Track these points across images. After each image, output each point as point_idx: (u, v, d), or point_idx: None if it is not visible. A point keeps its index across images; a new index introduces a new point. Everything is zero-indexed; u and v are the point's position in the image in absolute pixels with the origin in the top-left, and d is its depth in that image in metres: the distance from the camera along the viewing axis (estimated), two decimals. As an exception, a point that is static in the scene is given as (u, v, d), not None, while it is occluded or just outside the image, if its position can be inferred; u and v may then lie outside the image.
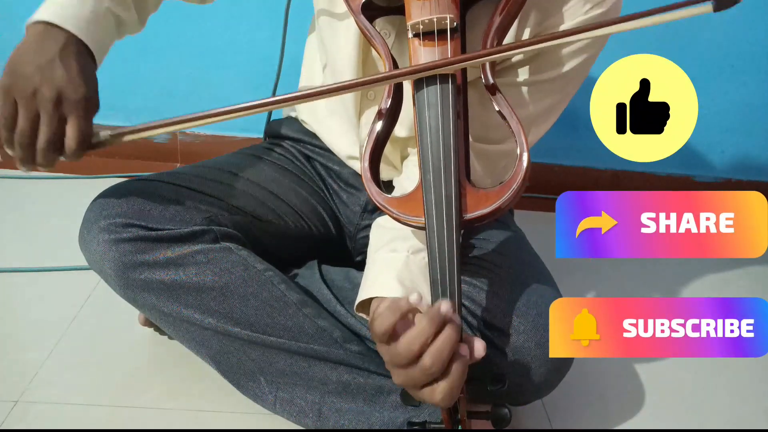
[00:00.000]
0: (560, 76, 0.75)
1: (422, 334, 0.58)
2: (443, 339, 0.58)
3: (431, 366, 0.58)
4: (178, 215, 0.77)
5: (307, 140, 0.96)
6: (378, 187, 0.66)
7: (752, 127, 1.51)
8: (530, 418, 0.88)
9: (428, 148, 0.64)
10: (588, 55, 0.75)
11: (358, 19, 0.71)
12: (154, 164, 1.45)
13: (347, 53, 0.80)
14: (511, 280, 0.78)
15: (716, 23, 1.40)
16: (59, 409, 0.81)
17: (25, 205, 1.28)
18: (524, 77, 0.76)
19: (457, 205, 0.62)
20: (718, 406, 0.95)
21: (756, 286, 1.28)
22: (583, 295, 1.16)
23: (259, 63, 1.38)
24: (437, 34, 0.66)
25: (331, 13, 0.81)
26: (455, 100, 0.64)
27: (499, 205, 0.63)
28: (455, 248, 0.62)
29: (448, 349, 0.58)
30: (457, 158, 0.63)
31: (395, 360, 0.60)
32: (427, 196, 0.63)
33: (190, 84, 1.41)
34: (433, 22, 0.65)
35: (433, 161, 0.63)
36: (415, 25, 0.66)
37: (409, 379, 0.60)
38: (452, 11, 0.66)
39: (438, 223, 0.62)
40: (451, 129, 0.64)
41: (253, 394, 0.80)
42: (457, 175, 0.63)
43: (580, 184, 1.53)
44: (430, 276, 0.63)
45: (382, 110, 0.68)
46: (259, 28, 1.36)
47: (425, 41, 0.66)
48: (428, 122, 0.64)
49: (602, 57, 0.75)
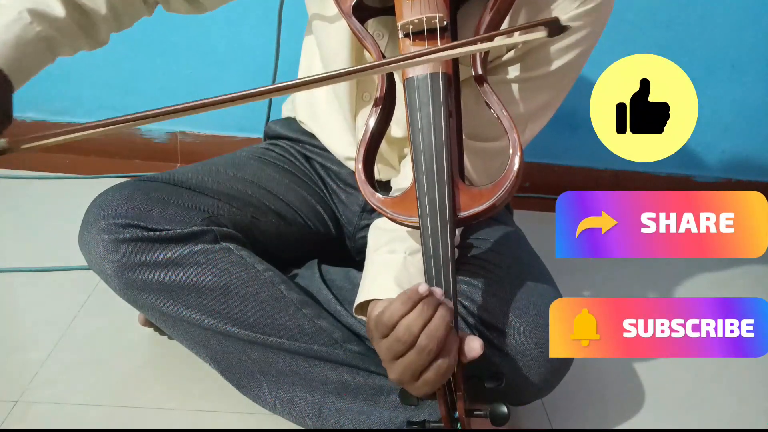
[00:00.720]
0: (552, 72, 0.75)
1: (421, 316, 0.59)
2: (438, 318, 0.59)
3: (427, 344, 0.59)
4: (177, 215, 0.77)
5: (305, 140, 0.96)
6: (372, 187, 0.67)
7: (752, 127, 1.51)
8: (530, 418, 0.88)
9: (420, 148, 0.64)
10: (580, 50, 0.75)
11: (350, 21, 0.71)
12: (154, 164, 1.45)
13: (340, 55, 0.80)
14: (511, 279, 0.78)
15: (716, 23, 1.40)
16: (59, 409, 0.81)
17: (25, 205, 1.28)
18: (515, 74, 0.76)
19: (450, 203, 0.62)
20: (718, 406, 0.95)
21: (756, 286, 1.28)
22: (583, 295, 1.16)
23: (258, 64, 1.38)
24: (427, 33, 0.66)
25: (322, 16, 0.81)
26: (446, 99, 0.64)
27: (494, 203, 0.62)
28: (450, 247, 0.62)
29: (443, 328, 0.59)
30: (449, 157, 0.63)
31: (394, 347, 0.60)
32: (421, 195, 0.63)
33: (190, 84, 1.41)
34: (423, 21, 0.65)
35: (426, 161, 0.64)
36: (405, 24, 0.66)
37: (407, 366, 0.60)
38: (442, 10, 0.66)
39: (432, 222, 0.63)
40: (442, 128, 0.64)
41: (253, 394, 0.80)
42: (450, 174, 0.63)
43: (580, 184, 1.53)
44: (425, 274, 0.63)
45: (374, 110, 0.68)
46: (257, 30, 1.37)
47: (416, 41, 0.67)
48: (420, 122, 0.64)
49: (602, 57, 0.75)
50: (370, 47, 0.69)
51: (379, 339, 0.62)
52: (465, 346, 0.62)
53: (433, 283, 0.63)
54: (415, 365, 0.60)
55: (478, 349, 0.62)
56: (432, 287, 0.61)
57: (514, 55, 0.75)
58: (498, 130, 0.71)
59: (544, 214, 1.48)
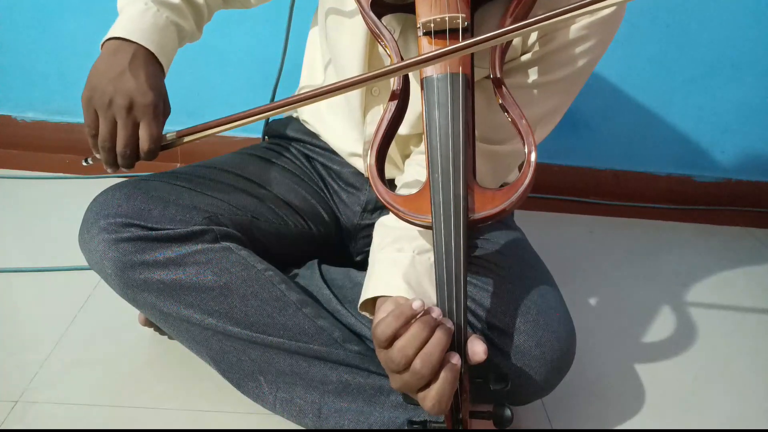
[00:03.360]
0: (565, 77, 0.76)
1: (416, 338, 0.58)
2: (433, 343, 0.58)
3: (421, 369, 0.58)
4: (178, 215, 0.77)
5: (307, 140, 0.96)
6: (384, 184, 0.66)
7: (752, 127, 1.51)
8: (530, 418, 0.88)
9: (437, 148, 0.64)
10: (593, 55, 0.75)
11: (368, 16, 0.71)
12: (154, 164, 1.44)
13: (354, 49, 0.80)
14: (512, 280, 0.78)
15: (716, 23, 1.40)
16: (59, 409, 0.81)
17: (25, 205, 1.28)
18: (533, 78, 0.76)
19: (464, 205, 0.62)
20: (718, 406, 0.95)
21: (756, 287, 1.28)
22: (583, 295, 1.16)
23: (259, 62, 1.38)
24: (449, 33, 0.66)
25: (338, 10, 0.81)
26: (465, 100, 0.64)
27: (506, 207, 0.62)
28: (462, 248, 0.62)
29: (438, 352, 0.58)
30: (465, 158, 0.63)
31: (390, 366, 0.60)
32: (435, 195, 0.63)
33: (189, 84, 1.41)
34: (445, 20, 0.65)
35: (442, 161, 0.63)
36: (426, 23, 0.66)
37: (405, 384, 0.60)
38: (464, 11, 0.66)
39: (445, 222, 0.62)
40: (460, 129, 0.63)
41: (253, 394, 0.80)
42: (465, 176, 0.63)
43: (580, 184, 1.54)
44: (436, 276, 0.63)
45: (390, 104, 0.68)
46: (260, 28, 1.36)
47: (436, 40, 0.66)
48: (438, 122, 0.64)
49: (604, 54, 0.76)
50: (387, 42, 0.69)
51: (378, 348, 0.62)
52: (468, 350, 0.61)
53: (443, 284, 0.62)
54: (411, 385, 0.60)
55: (481, 354, 0.61)
56: (432, 307, 0.61)
57: (529, 59, 0.75)
58: (507, 133, 0.71)
59: (544, 214, 1.49)
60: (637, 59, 1.42)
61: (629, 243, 1.39)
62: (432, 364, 0.58)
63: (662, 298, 1.19)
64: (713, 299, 1.21)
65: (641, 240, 1.41)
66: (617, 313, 1.13)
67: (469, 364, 0.62)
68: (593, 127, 1.49)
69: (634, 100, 1.47)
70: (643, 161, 1.54)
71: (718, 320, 1.15)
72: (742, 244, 1.44)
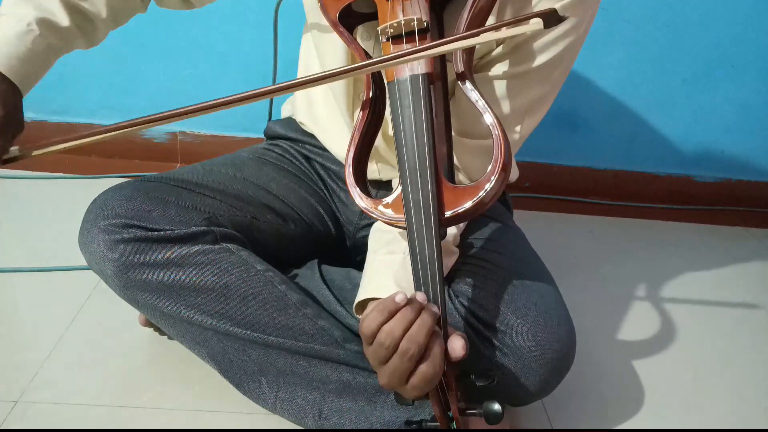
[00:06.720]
0: (542, 66, 0.75)
1: (403, 319, 0.59)
2: (418, 323, 0.59)
3: (409, 348, 0.58)
4: (177, 216, 0.77)
5: (306, 140, 0.96)
6: (362, 191, 0.67)
7: (752, 127, 1.51)
8: (530, 418, 0.88)
9: (404, 149, 0.64)
10: (568, 41, 0.74)
11: (337, 30, 0.72)
12: (154, 164, 1.45)
13: (337, 60, 0.81)
14: (511, 279, 0.78)
15: (716, 23, 1.40)
16: (59, 409, 0.81)
17: (25, 205, 1.28)
18: (506, 69, 0.76)
19: (434, 203, 0.63)
20: (717, 405, 0.95)
21: (756, 287, 1.28)
22: (583, 295, 1.16)
23: (257, 64, 1.38)
24: (407, 36, 0.66)
25: (320, 25, 0.82)
26: (428, 100, 0.65)
27: (480, 200, 0.62)
28: (435, 246, 0.62)
29: (424, 332, 0.59)
30: (433, 157, 0.63)
31: (378, 352, 0.60)
32: (406, 195, 0.64)
33: (189, 84, 1.41)
34: (401, 24, 0.66)
35: (409, 161, 0.64)
36: (384, 29, 0.67)
37: (394, 371, 0.60)
38: (421, 12, 0.66)
39: (417, 221, 0.63)
40: (424, 129, 0.64)
41: (254, 394, 0.80)
42: (435, 174, 0.63)
43: (580, 184, 1.54)
44: (413, 274, 0.64)
45: (363, 113, 0.69)
46: (257, 30, 1.36)
47: (397, 44, 0.67)
48: (402, 124, 0.65)
49: (602, 57, 0.75)
50: (356, 54, 0.69)
51: (366, 346, 0.62)
52: (448, 346, 0.62)
53: (420, 284, 0.63)
54: (400, 370, 0.60)
55: (459, 350, 0.62)
56: (416, 292, 0.62)
57: (503, 51, 0.75)
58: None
59: (544, 214, 1.49)
60: (637, 59, 1.42)
61: (629, 243, 1.39)
62: (419, 343, 0.59)
63: (662, 298, 1.19)
64: (713, 299, 1.21)
65: (641, 240, 1.41)
66: (617, 313, 1.13)
67: (449, 360, 0.62)
68: (593, 127, 1.49)
69: (634, 100, 1.47)
70: (643, 161, 1.54)
71: (718, 320, 1.15)
72: (742, 244, 1.44)
